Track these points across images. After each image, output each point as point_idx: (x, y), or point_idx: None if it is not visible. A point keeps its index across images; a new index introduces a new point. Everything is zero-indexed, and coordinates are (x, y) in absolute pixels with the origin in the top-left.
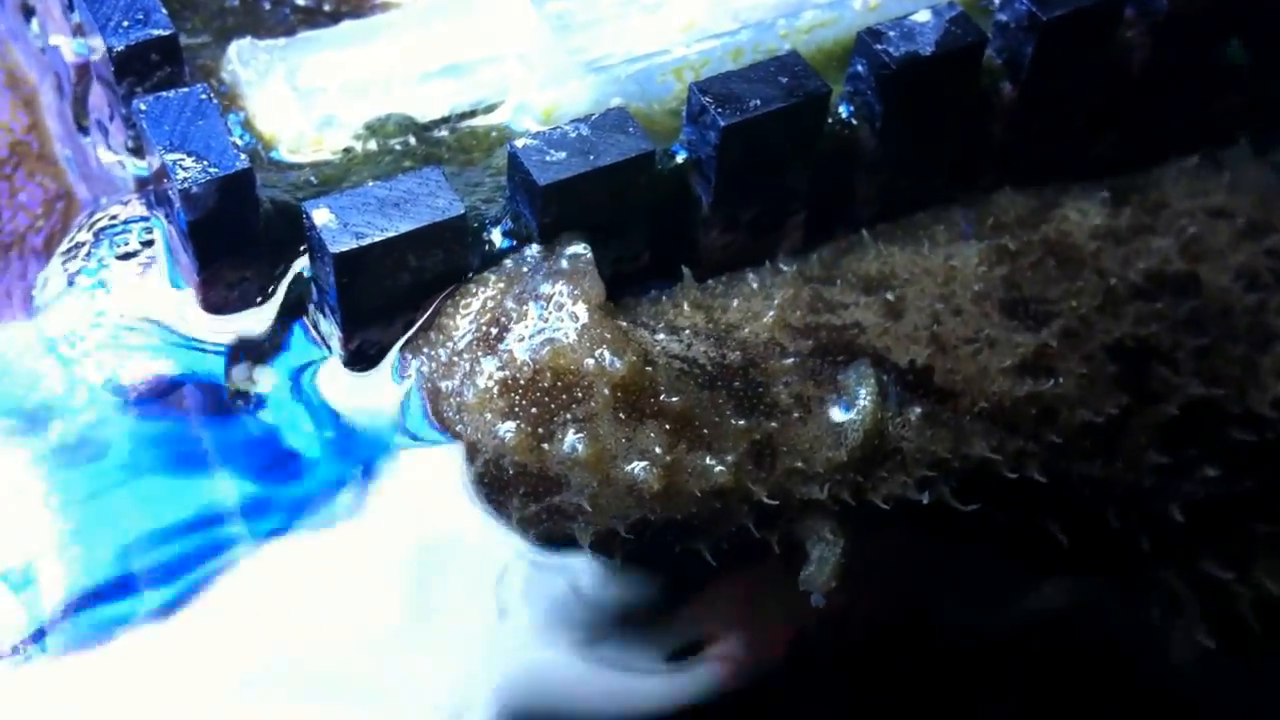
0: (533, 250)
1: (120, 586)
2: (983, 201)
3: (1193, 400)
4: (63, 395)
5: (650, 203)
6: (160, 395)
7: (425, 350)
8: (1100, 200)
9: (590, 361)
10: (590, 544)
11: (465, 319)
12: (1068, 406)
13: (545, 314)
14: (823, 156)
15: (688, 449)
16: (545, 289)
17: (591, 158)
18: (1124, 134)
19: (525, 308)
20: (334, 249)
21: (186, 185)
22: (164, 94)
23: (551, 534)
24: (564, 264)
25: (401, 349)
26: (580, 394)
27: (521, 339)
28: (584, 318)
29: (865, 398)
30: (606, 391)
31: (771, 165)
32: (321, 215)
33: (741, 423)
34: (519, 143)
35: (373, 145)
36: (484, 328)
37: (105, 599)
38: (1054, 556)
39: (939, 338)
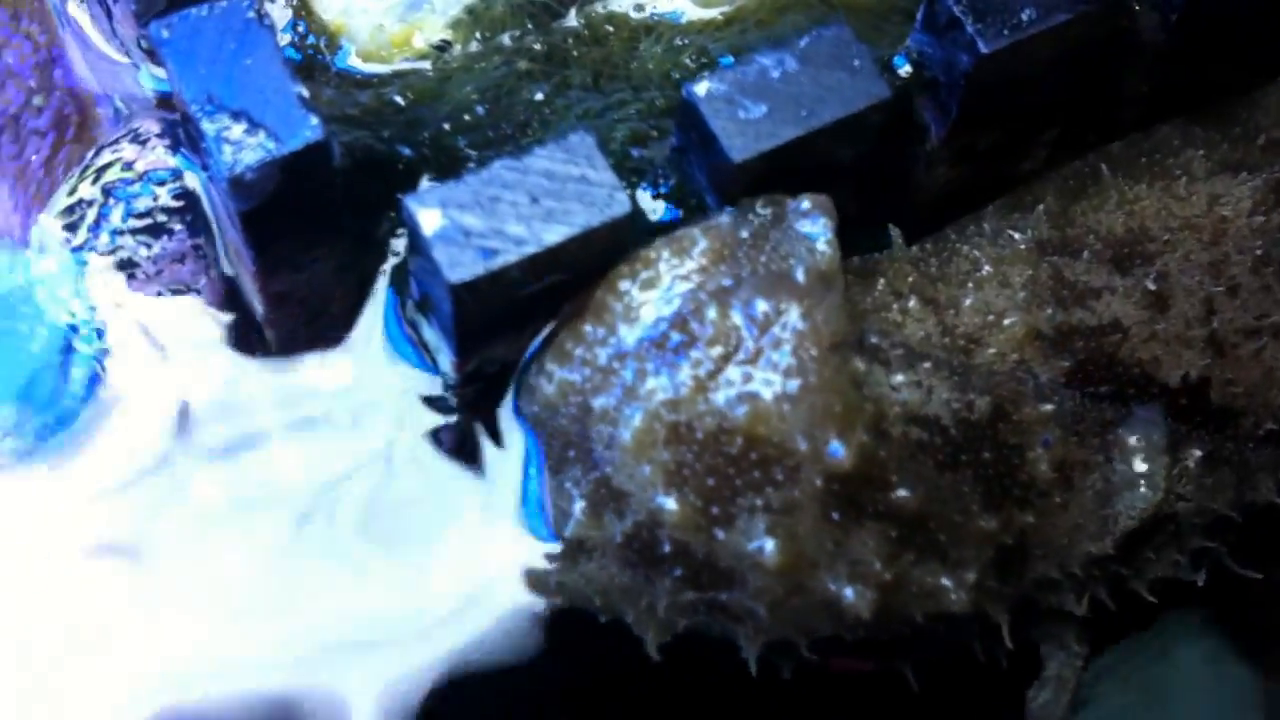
0: (760, 211)
1: None
2: (1246, 108)
3: None
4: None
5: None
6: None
7: (573, 349)
8: None
9: (803, 442)
10: (757, 656)
11: (642, 300)
12: None
13: (755, 344)
14: (1093, 58)
15: (915, 559)
16: (761, 302)
17: (805, 114)
18: None
19: (729, 321)
20: (453, 278)
21: (237, 171)
22: (194, 10)
23: (707, 629)
24: (794, 264)
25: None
26: (782, 476)
27: (713, 374)
28: (810, 368)
29: (1155, 471)
30: (819, 482)
31: (1032, 85)
32: (431, 220)
33: (991, 522)
34: (699, 88)
35: (475, 42)
36: (664, 328)
37: None
38: None
39: (1215, 335)
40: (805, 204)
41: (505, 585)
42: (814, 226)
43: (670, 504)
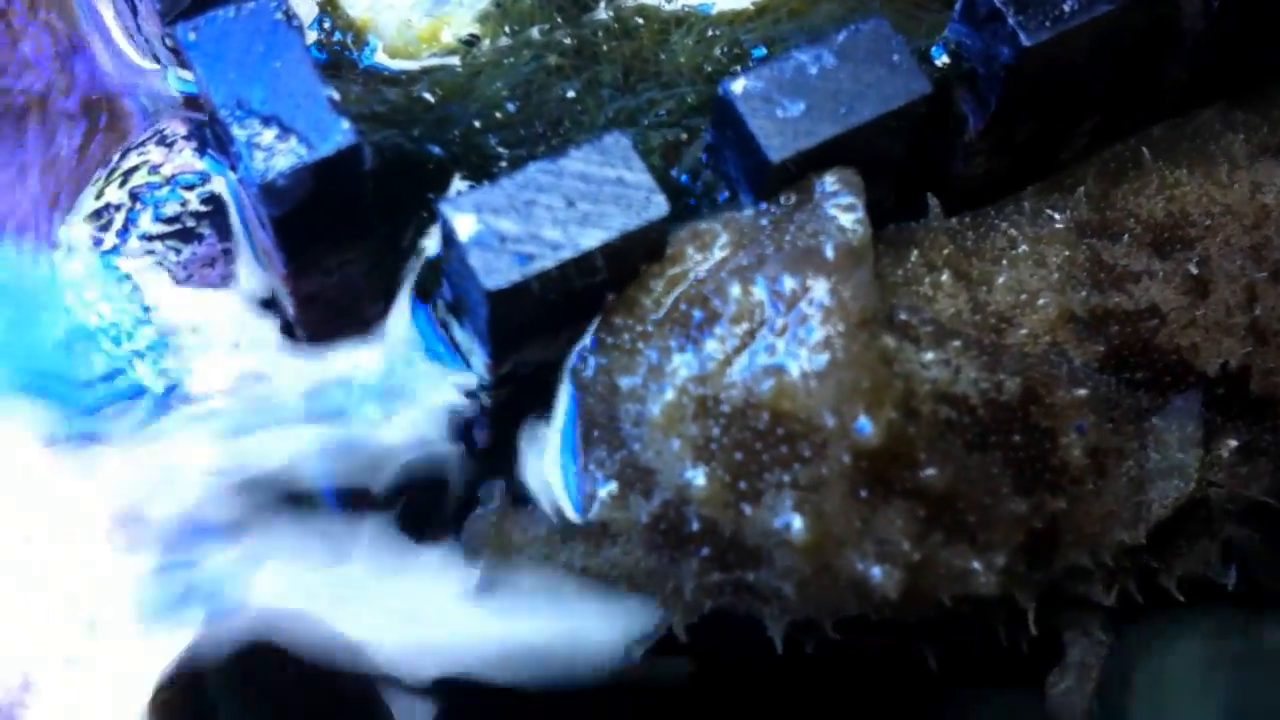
0: (783, 203)
1: None
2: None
3: None
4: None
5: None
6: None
7: (605, 338)
8: None
9: (831, 418)
10: (783, 636)
11: (664, 291)
12: None
13: (781, 319)
14: (1134, 48)
15: (944, 540)
16: (789, 279)
17: (844, 111)
18: None
19: (753, 297)
20: (489, 284)
21: (269, 178)
22: (221, 11)
23: (732, 609)
24: (823, 240)
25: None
26: (809, 453)
27: (739, 349)
28: (838, 344)
29: (1188, 464)
30: (847, 459)
31: (1073, 76)
32: (466, 225)
33: (1021, 506)
34: (735, 85)
35: (504, 36)
36: (683, 305)
37: None
38: None
39: (1257, 323)
40: (832, 184)
41: (537, 569)
42: (842, 204)
43: (699, 479)
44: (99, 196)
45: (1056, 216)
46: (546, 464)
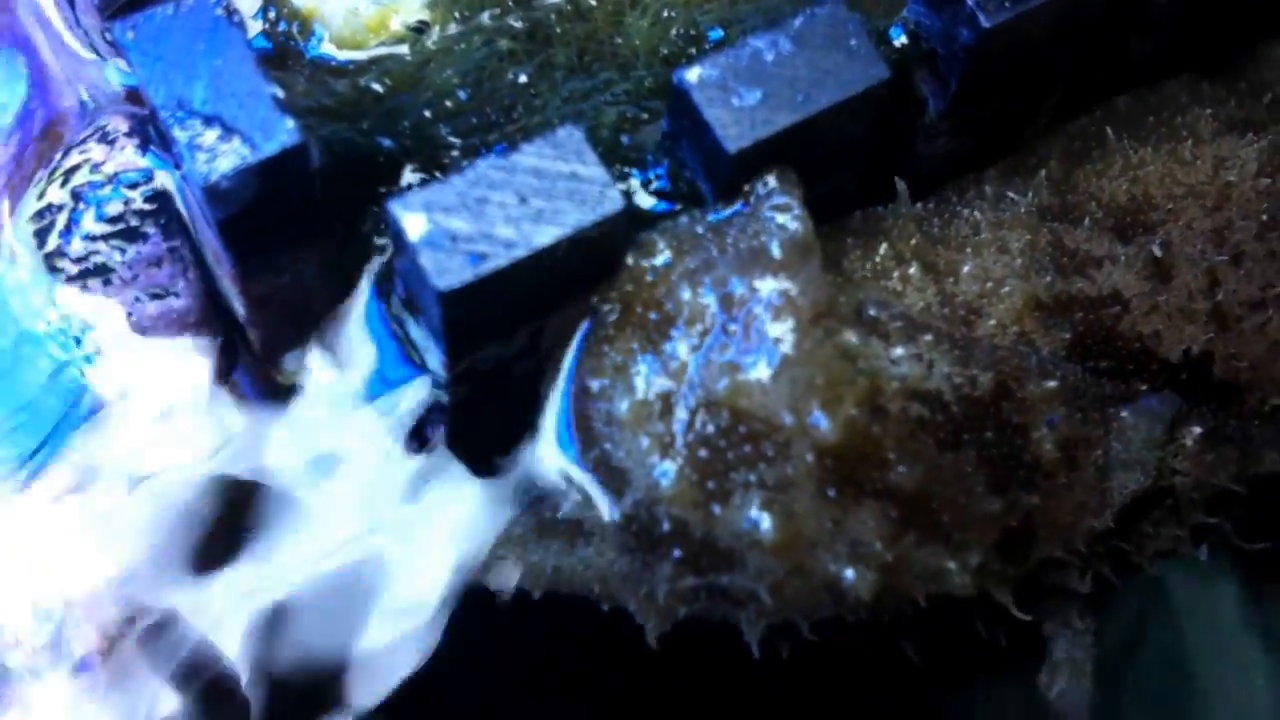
0: (721, 206)
1: None
2: (1253, 64)
3: None
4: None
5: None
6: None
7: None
8: None
9: (788, 415)
10: (759, 641)
11: (617, 294)
12: None
13: (732, 320)
14: (1098, 24)
15: (917, 540)
16: (737, 281)
17: (801, 99)
18: None
19: (701, 299)
20: (441, 285)
21: (212, 180)
22: (160, 8)
23: (707, 614)
24: (766, 240)
25: None
26: (773, 452)
27: (695, 348)
28: (789, 341)
29: (1148, 458)
30: (810, 457)
31: (1036, 55)
32: (416, 224)
33: (995, 505)
34: (691, 74)
35: (454, 22)
36: (639, 308)
37: None
38: None
39: (1220, 307)
40: (769, 185)
41: (506, 567)
42: (780, 204)
43: (668, 476)
44: (40, 197)
45: (1018, 200)
46: (535, 456)
